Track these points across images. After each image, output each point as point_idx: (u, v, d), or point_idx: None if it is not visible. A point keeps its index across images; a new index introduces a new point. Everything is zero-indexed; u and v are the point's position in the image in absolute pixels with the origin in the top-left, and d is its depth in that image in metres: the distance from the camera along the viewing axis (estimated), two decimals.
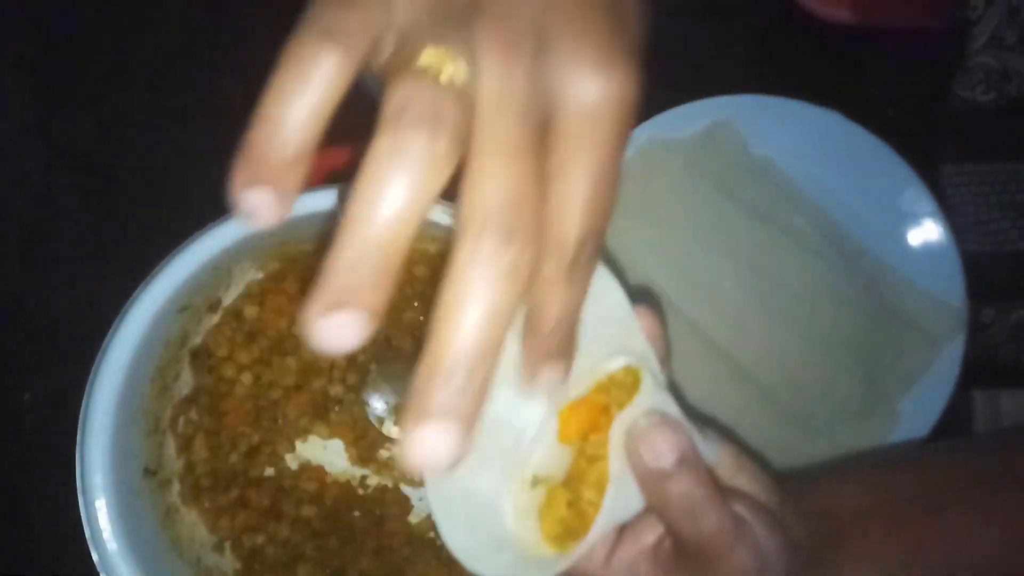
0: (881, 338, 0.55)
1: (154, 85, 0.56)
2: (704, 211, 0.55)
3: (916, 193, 0.54)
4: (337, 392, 0.51)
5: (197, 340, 0.50)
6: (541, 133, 0.22)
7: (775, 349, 0.54)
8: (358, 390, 0.51)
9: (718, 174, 0.55)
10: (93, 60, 0.57)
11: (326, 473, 0.52)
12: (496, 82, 0.21)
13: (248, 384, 0.50)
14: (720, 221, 0.55)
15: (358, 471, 0.52)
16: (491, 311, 0.20)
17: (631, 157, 0.54)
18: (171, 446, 0.49)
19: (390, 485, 0.52)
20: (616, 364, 0.29)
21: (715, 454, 0.31)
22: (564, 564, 0.28)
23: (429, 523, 0.51)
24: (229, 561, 0.49)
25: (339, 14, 0.21)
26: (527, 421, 0.28)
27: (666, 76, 0.58)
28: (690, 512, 0.28)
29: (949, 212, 0.55)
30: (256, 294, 0.50)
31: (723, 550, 0.29)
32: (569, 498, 0.28)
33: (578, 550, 0.28)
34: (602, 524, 0.28)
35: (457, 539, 0.27)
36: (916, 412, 0.54)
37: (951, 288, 0.54)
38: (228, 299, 0.50)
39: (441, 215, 0.44)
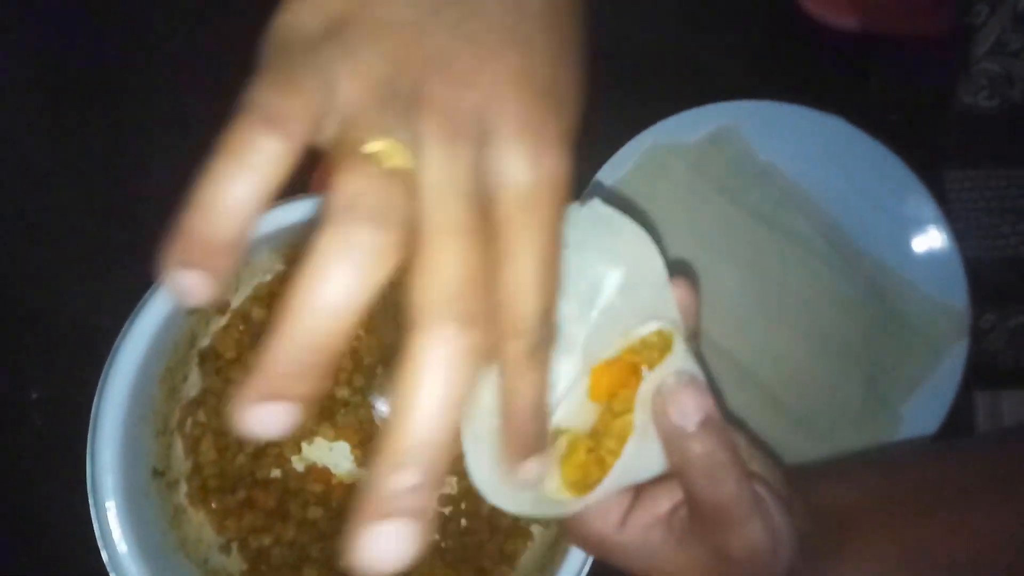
0: (884, 342, 0.55)
1: (163, 85, 0.56)
2: (708, 215, 0.55)
3: (919, 198, 0.55)
4: (343, 395, 0.51)
5: (205, 342, 0.50)
6: (484, 218, 0.23)
7: (778, 352, 0.55)
8: (364, 393, 0.52)
9: (722, 179, 0.56)
10: (103, 60, 0.57)
11: (332, 475, 0.52)
12: (441, 170, 0.22)
13: None
14: (724, 225, 0.55)
15: (364, 473, 0.53)
16: (450, 398, 0.21)
17: (636, 161, 0.55)
18: (179, 447, 0.49)
19: None
20: (649, 328, 0.29)
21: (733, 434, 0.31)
22: (579, 506, 0.29)
23: (434, 526, 0.52)
24: (236, 562, 0.50)
25: (281, 99, 0.22)
26: (558, 375, 0.29)
27: (670, 81, 0.59)
28: (711, 473, 0.28)
29: (951, 217, 0.55)
30: (264, 296, 0.51)
31: (740, 518, 0.29)
32: (590, 445, 0.29)
33: (594, 495, 0.28)
34: (619, 473, 0.28)
35: (482, 474, 0.28)
36: (919, 416, 0.54)
37: (954, 293, 0.54)
38: (236, 301, 0.50)
39: None
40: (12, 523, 0.53)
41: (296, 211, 0.44)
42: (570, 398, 0.29)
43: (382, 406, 0.51)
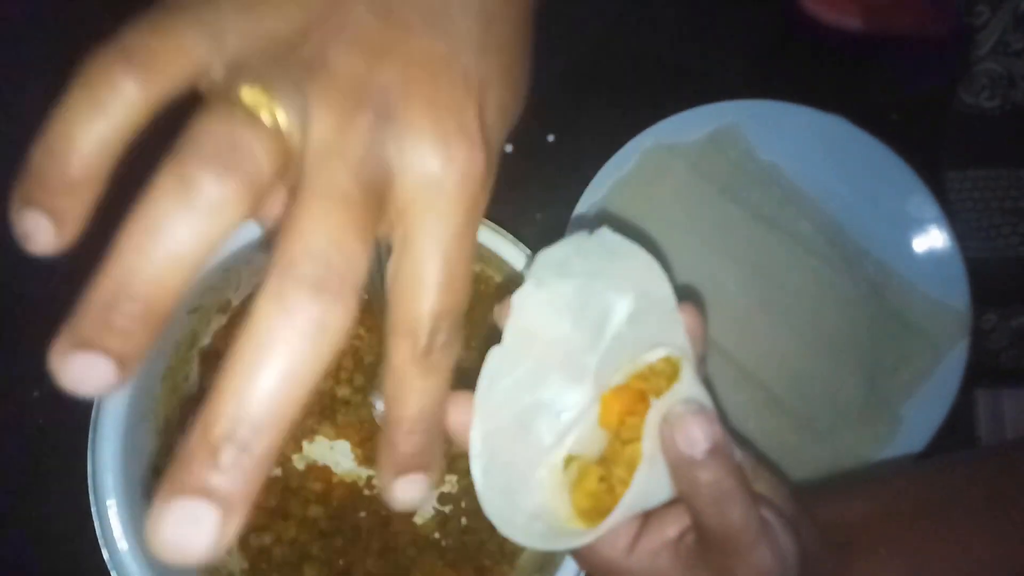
0: (885, 342, 0.55)
1: None
2: (708, 215, 0.55)
3: (920, 198, 0.55)
4: (344, 393, 0.52)
5: (206, 341, 0.50)
6: (375, 200, 0.20)
7: (779, 352, 0.55)
8: (365, 392, 0.52)
9: (723, 179, 0.56)
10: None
11: (333, 473, 0.52)
12: (329, 136, 0.20)
13: None
14: (725, 225, 0.55)
15: (364, 472, 0.53)
16: (287, 373, 0.18)
17: (637, 161, 0.55)
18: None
19: None
20: (657, 354, 0.30)
21: (738, 457, 0.31)
22: (590, 538, 0.29)
23: (434, 524, 0.52)
24: (236, 560, 0.50)
25: (146, 38, 0.19)
26: (568, 403, 0.30)
27: (671, 81, 0.59)
28: (718, 501, 0.28)
29: (952, 217, 0.55)
30: None
31: (747, 545, 0.29)
32: (601, 474, 0.29)
33: (604, 525, 0.28)
34: (629, 502, 0.28)
35: (494, 506, 0.28)
36: (919, 417, 0.54)
37: (955, 293, 0.54)
38: (237, 300, 0.51)
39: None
40: (13, 521, 0.53)
41: None
42: (581, 425, 0.30)
43: (382, 406, 0.51)
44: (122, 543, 0.42)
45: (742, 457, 0.31)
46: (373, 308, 0.45)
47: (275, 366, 0.18)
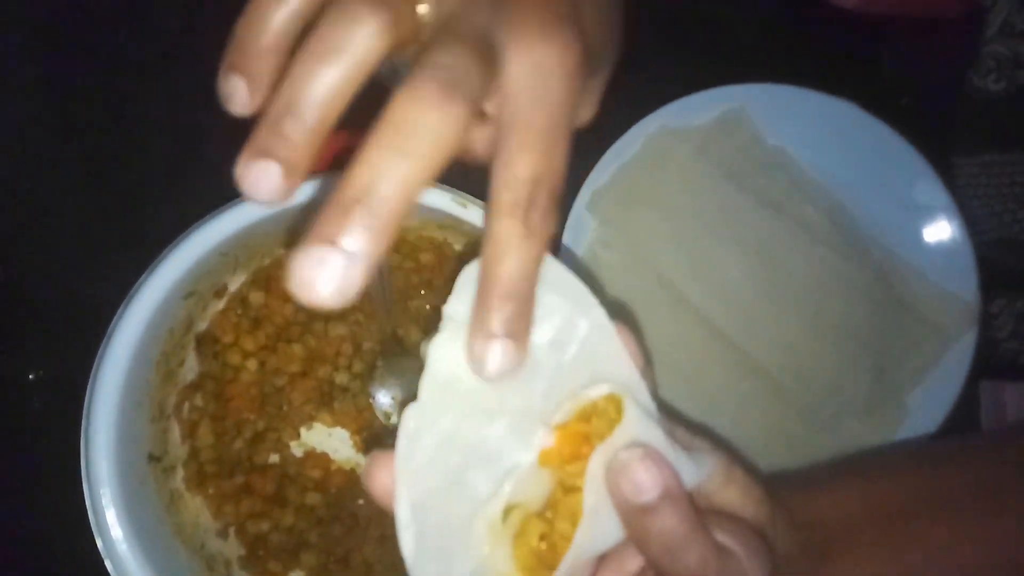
0: (891, 331, 0.54)
1: (160, 69, 0.56)
2: (714, 200, 0.54)
3: (930, 184, 0.54)
4: (342, 380, 0.51)
5: (202, 326, 0.49)
6: (488, 61, 0.23)
7: (784, 340, 0.54)
8: (363, 379, 0.51)
9: (729, 163, 0.55)
10: (99, 45, 0.56)
11: (331, 460, 0.52)
12: (454, 8, 0.24)
13: (253, 370, 0.50)
14: (730, 210, 0.54)
15: (362, 459, 0.52)
16: (410, 151, 0.21)
17: (642, 145, 0.54)
18: (176, 432, 0.49)
19: None
20: (598, 391, 0.28)
21: (706, 467, 0.30)
22: None
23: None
24: (233, 547, 0.49)
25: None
26: (503, 448, 0.27)
27: (677, 65, 0.57)
28: (671, 551, 0.27)
29: (962, 203, 0.54)
30: (262, 280, 0.50)
31: None
32: (542, 531, 0.28)
33: None
34: (572, 560, 0.27)
35: (411, 549, 0.26)
36: (925, 407, 0.53)
37: (964, 282, 0.54)
38: (234, 285, 0.50)
39: (450, 204, 0.43)
40: (9, 504, 0.52)
41: (295, 193, 0.43)
42: (520, 470, 0.27)
43: (383, 399, 0.51)
44: (116, 530, 0.42)
45: (711, 462, 0.30)
46: (372, 299, 0.44)
47: (400, 146, 0.21)
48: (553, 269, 0.27)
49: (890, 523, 0.37)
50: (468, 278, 0.26)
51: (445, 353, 0.26)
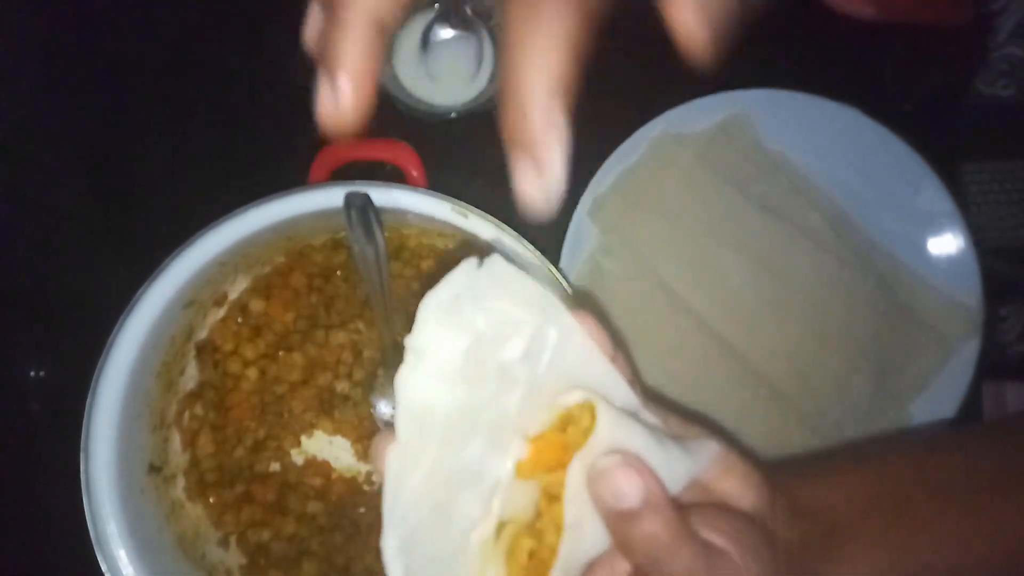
0: (894, 338, 0.54)
1: (162, 79, 0.56)
2: (716, 206, 0.54)
3: (934, 191, 0.53)
4: (343, 388, 0.51)
5: (203, 334, 0.49)
6: None
7: (786, 346, 0.54)
8: (364, 387, 0.51)
9: (732, 169, 0.54)
10: (102, 54, 0.56)
11: (332, 469, 0.52)
12: None
13: (254, 379, 0.50)
14: (732, 216, 0.54)
15: (364, 467, 0.52)
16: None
17: (644, 150, 0.54)
18: (176, 441, 0.48)
19: None
20: (572, 398, 0.28)
21: (702, 458, 0.29)
22: None
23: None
24: (234, 556, 0.49)
25: None
26: (489, 466, 0.27)
27: (679, 70, 0.57)
28: (657, 559, 0.27)
29: (969, 209, 0.54)
30: (262, 288, 0.50)
31: None
32: (531, 547, 0.28)
33: None
34: (562, 569, 0.27)
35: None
36: (927, 414, 0.53)
37: (967, 289, 0.53)
38: (234, 293, 0.50)
39: (450, 213, 0.43)
40: (9, 505, 0.52)
41: (296, 203, 0.43)
42: (506, 485, 0.27)
43: (384, 409, 0.51)
44: (116, 541, 0.41)
45: (708, 451, 0.30)
46: (373, 307, 0.44)
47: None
48: (519, 281, 0.27)
49: (898, 509, 0.36)
50: (428, 311, 0.26)
51: (413, 383, 0.26)
